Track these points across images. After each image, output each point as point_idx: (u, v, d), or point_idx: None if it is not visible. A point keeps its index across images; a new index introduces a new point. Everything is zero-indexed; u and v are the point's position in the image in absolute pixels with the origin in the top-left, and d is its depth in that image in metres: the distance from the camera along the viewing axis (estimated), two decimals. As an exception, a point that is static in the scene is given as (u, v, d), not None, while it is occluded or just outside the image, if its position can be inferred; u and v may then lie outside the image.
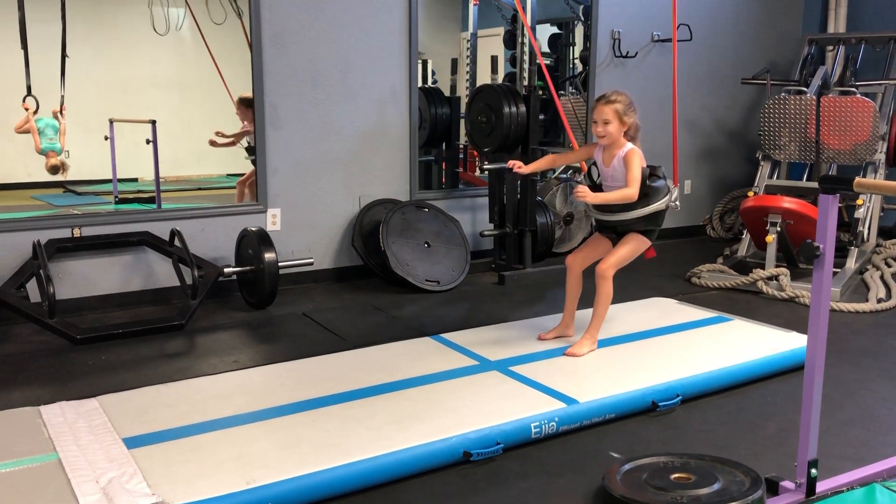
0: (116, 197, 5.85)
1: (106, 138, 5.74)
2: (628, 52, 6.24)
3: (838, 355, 3.75)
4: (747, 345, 3.67)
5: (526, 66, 6.02)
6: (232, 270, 4.58)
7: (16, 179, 5.54)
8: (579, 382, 3.19)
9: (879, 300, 4.71)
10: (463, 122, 6.03)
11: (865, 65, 6.29)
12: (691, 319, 4.12)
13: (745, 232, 5.58)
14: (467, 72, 6.62)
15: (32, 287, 4.13)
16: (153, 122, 5.22)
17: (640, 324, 4.03)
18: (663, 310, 4.35)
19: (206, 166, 5.91)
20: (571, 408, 2.95)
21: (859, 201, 5.31)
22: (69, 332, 3.93)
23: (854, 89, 5.57)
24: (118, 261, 4.61)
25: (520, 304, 4.75)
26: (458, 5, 7.04)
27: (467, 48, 6.65)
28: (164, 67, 5.83)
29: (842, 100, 5.34)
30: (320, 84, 5.09)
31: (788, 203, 5.03)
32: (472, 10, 6.53)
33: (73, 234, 4.44)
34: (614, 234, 3.63)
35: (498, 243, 5.49)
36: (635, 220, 3.52)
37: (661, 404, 3.11)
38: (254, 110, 4.99)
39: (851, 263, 5.21)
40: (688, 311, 4.32)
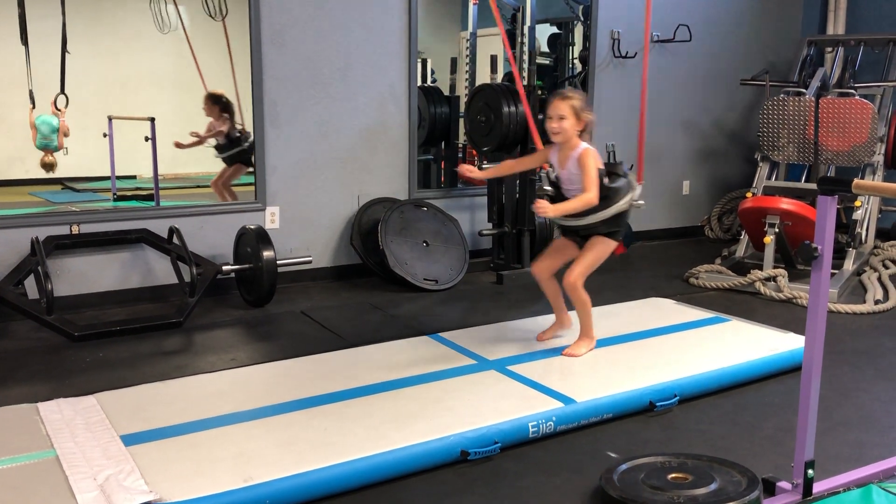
0: (115, 194, 5.83)
1: (105, 135, 5.74)
2: (627, 53, 6.24)
3: (835, 356, 3.76)
4: (745, 345, 3.68)
5: (525, 66, 6.03)
6: (230, 268, 4.58)
7: (13, 176, 5.52)
8: (577, 382, 3.19)
9: (877, 302, 4.72)
10: (462, 122, 6.03)
11: (864, 67, 6.30)
12: (689, 320, 4.13)
13: (744, 233, 5.59)
14: (466, 71, 6.61)
15: (31, 284, 4.13)
16: (152, 120, 5.21)
17: (638, 324, 4.04)
18: (661, 310, 4.35)
19: (205, 164, 5.90)
20: (569, 407, 2.95)
21: (857, 203, 5.31)
22: (67, 328, 3.93)
23: (853, 91, 5.58)
24: (116, 258, 4.60)
25: (518, 303, 4.75)
26: (458, 4, 7.03)
27: (467, 47, 6.65)
28: (163, 65, 5.82)
29: (840, 101, 5.34)
30: (320, 82, 5.09)
31: (787, 204, 5.03)
32: (472, 9, 6.53)
33: (71, 230, 4.43)
34: (578, 237, 3.54)
35: (496, 243, 5.49)
36: (598, 223, 3.42)
37: (658, 404, 3.12)
38: (221, 107, 4.93)
39: (849, 265, 5.22)
40: (686, 311, 4.32)
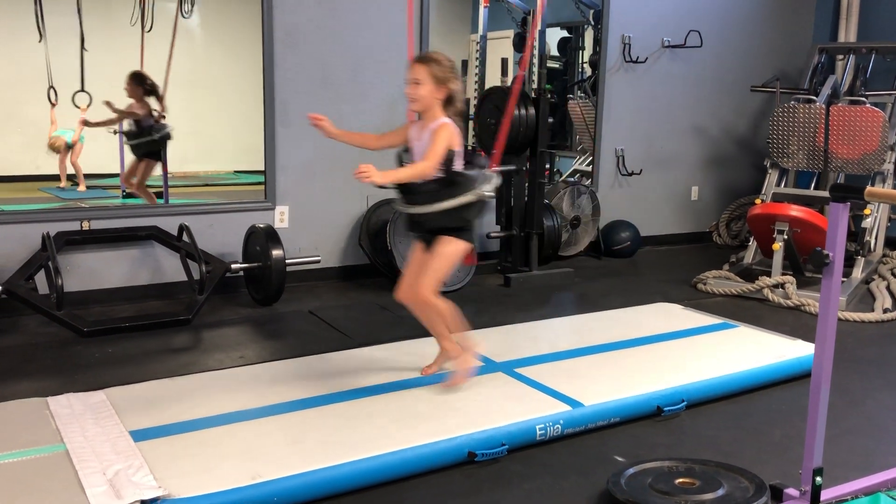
0: (124, 191, 5.86)
1: (115, 132, 5.76)
2: (638, 58, 6.24)
3: (844, 364, 3.74)
4: (753, 352, 3.68)
5: (535, 70, 6.03)
6: (239, 266, 4.60)
7: (24, 171, 5.55)
8: (584, 385, 3.19)
9: (885, 310, 4.71)
10: (471, 124, 6.04)
11: (875, 75, 6.28)
12: (697, 325, 4.13)
13: (752, 239, 5.58)
14: (476, 73, 6.62)
15: (41, 279, 4.14)
16: (163, 118, 5.23)
17: (646, 328, 4.03)
18: (669, 315, 4.35)
19: (214, 163, 5.92)
20: (576, 411, 2.95)
21: (867, 211, 5.30)
22: (76, 324, 3.95)
23: (864, 99, 5.57)
24: (126, 254, 4.62)
25: (525, 306, 4.75)
26: (469, 7, 7.05)
27: (477, 50, 6.66)
28: (174, 62, 5.83)
29: (851, 109, 5.34)
30: (330, 83, 5.11)
31: (796, 211, 5.02)
32: (483, 12, 6.54)
33: (82, 226, 4.45)
34: (425, 233, 3.10)
35: (504, 245, 5.50)
36: (442, 214, 2.99)
37: (666, 409, 3.11)
38: (145, 90, 4.66)
39: (858, 273, 5.21)
40: (693, 316, 4.32)
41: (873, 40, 6.48)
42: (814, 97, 5.69)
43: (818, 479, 2.35)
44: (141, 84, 4.78)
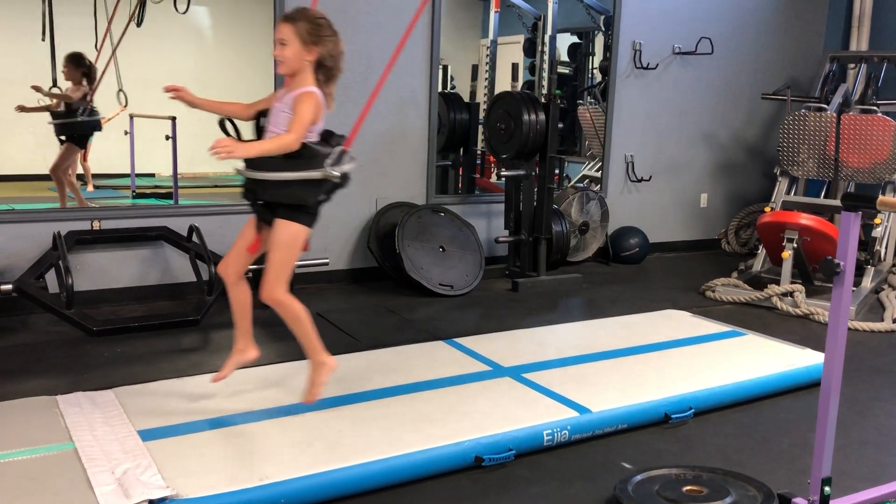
0: (134, 192, 5.89)
1: (126, 133, 5.79)
2: (649, 64, 6.24)
3: (853, 374, 3.73)
4: (761, 360, 3.66)
5: (545, 75, 6.04)
6: (248, 268, 4.59)
7: (34, 171, 5.59)
8: (592, 392, 3.18)
9: (895, 320, 4.69)
10: (481, 128, 6.05)
11: (887, 83, 6.26)
12: (705, 333, 4.12)
13: (761, 247, 5.56)
14: (486, 78, 6.64)
15: (51, 278, 4.16)
16: (173, 119, 5.26)
17: (654, 336, 4.03)
18: (677, 322, 4.34)
19: (223, 164, 5.94)
20: (584, 417, 2.95)
21: (877, 220, 5.28)
22: (86, 323, 3.97)
23: (875, 108, 5.55)
24: (136, 254, 4.64)
25: (533, 311, 4.75)
26: (480, 12, 7.07)
27: (487, 55, 6.67)
28: (185, 64, 5.87)
29: (862, 118, 5.32)
30: (341, 86, 5.02)
31: (806, 220, 5.01)
32: (493, 17, 6.55)
33: (92, 226, 4.47)
34: (260, 206, 2.87)
35: (512, 250, 5.50)
36: (280, 184, 2.75)
37: (673, 416, 3.11)
38: (83, 73, 4.57)
39: (867, 282, 5.18)
40: (702, 324, 4.31)
41: (885, 49, 6.46)
42: (825, 105, 5.68)
43: (827, 488, 2.34)
44: (79, 66, 4.68)
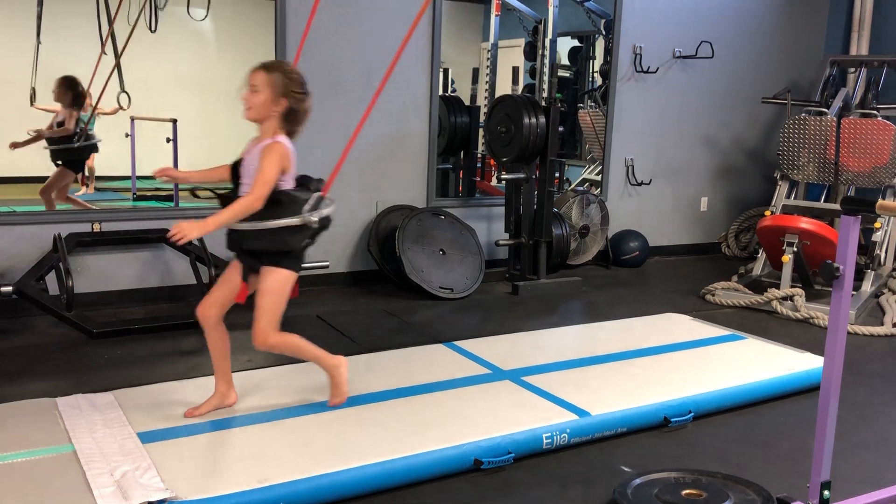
0: (135, 194, 5.89)
1: (127, 135, 5.79)
2: (649, 68, 6.24)
3: (853, 378, 3.73)
4: (761, 364, 3.66)
5: (546, 78, 6.05)
6: (248, 271, 4.60)
7: (34, 173, 5.58)
8: (592, 395, 3.18)
9: (895, 324, 4.69)
10: (481, 132, 6.06)
11: (887, 88, 6.27)
12: (705, 336, 4.12)
13: (761, 251, 5.57)
14: (486, 82, 6.64)
15: (51, 280, 4.17)
16: (174, 121, 5.27)
17: (654, 339, 4.03)
18: (677, 326, 4.34)
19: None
20: (583, 420, 2.95)
21: (877, 224, 5.29)
22: (86, 325, 3.97)
23: (875, 112, 5.55)
24: (136, 257, 4.64)
25: (533, 314, 4.75)
26: (480, 15, 7.08)
27: (488, 58, 6.68)
28: (186, 66, 5.86)
29: (862, 122, 5.33)
30: (342, 89, 5.12)
31: (806, 224, 5.01)
32: (494, 20, 6.56)
33: (93, 228, 4.48)
34: (243, 253, 2.86)
35: (513, 253, 5.50)
36: (261, 234, 2.75)
37: (673, 420, 3.11)
38: (73, 97, 4.48)
39: (867, 286, 5.19)
40: (702, 327, 4.31)
41: (885, 53, 6.47)
42: (825, 109, 5.68)
43: (826, 492, 2.34)
44: (71, 89, 4.58)
